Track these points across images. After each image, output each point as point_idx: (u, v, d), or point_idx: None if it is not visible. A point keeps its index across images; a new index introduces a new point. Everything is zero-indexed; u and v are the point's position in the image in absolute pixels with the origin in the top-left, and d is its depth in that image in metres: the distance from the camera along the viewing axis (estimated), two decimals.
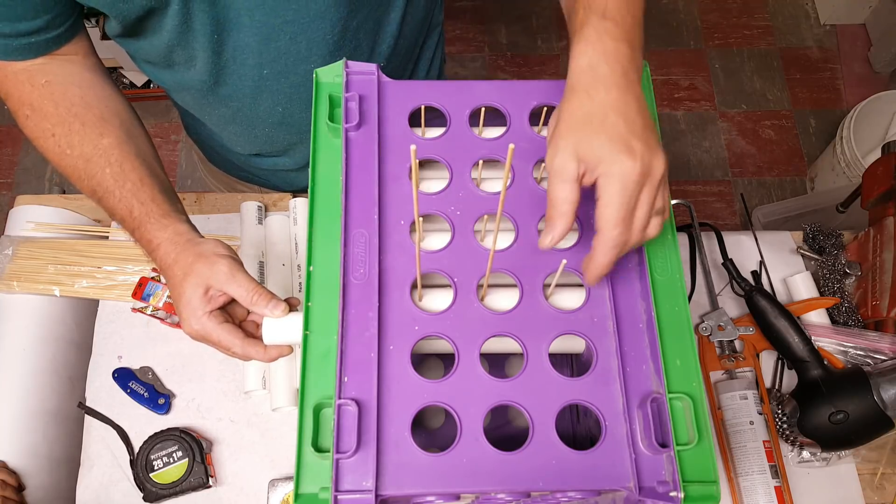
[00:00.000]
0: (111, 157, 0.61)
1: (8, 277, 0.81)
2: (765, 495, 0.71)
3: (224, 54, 0.65)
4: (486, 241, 0.52)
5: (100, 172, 0.61)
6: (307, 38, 0.65)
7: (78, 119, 0.62)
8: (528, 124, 0.56)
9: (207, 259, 0.58)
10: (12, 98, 0.62)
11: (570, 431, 0.61)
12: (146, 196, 0.61)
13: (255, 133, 0.78)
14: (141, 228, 0.61)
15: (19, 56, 0.60)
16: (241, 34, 0.63)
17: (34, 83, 0.61)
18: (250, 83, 0.69)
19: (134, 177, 0.61)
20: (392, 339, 0.48)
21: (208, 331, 0.58)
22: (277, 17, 0.62)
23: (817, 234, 0.87)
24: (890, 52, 1.99)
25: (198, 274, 0.57)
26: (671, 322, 0.49)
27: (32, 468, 0.75)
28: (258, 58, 0.66)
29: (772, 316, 0.78)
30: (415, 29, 0.77)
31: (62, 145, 0.61)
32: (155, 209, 0.61)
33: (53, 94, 0.61)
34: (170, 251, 0.59)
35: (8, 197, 1.91)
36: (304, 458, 0.44)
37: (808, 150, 1.98)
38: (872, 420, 0.70)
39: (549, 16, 2.18)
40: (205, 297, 0.57)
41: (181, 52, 0.65)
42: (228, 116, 0.75)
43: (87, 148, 0.61)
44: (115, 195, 0.61)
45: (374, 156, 0.53)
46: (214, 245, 0.60)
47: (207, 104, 0.74)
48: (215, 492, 0.75)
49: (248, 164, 0.88)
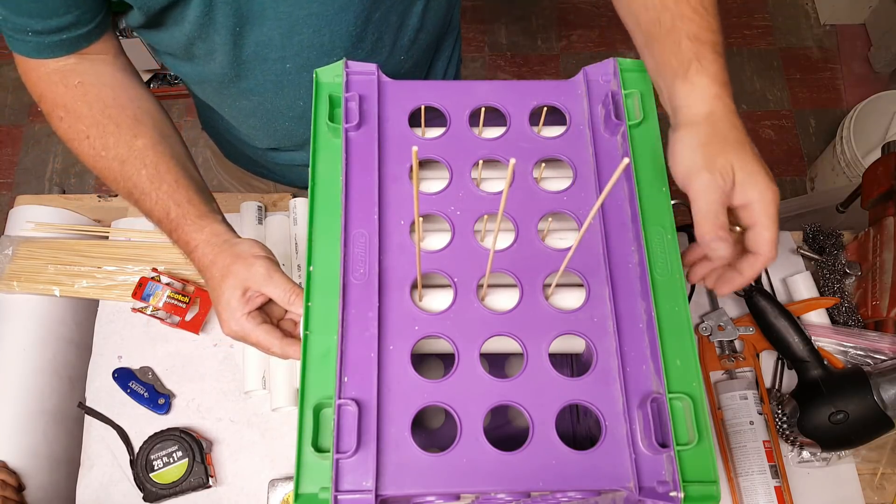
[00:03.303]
0: (146, 158, 0.61)
1: (8, 277, 0.81)
2: (765, 495, 0.71)
3: (246, 48, 0.65)
4: (486, 241, 0.52)
5: (135, 174, 0.61)
6: (331, 31, 0.65)
7: (112, 121, 0.62)
8: (528, 124, 0.56)
9: (245, 260, 0.58)
10: (46, 100, 0.62)
11: (570, 431, 0.61)
12: (182, 197, 0.61)
13: (275, 126, 0.78)
14: (178, 230, 0.61)
15: (51, 53, 0.60)
16: (263, 27, 0.63)
17: (67, 84, 0.61)
18: (272, 77, 0.69)
19: (169, 178, 0.61)
20: (392, 339, 0.48)
21: (247, 332, 0.58)
22: (302, 9, 0.62)
23: (817, 234, 0.87)
24: (890, 52, 1.99)
25: (235, 275, 0.58)
26: (671, 322, 0.49)
27: (32, 468, 0.75)
28: (281, 51, 0.66)
29: (772, 316, 0.77)
30: (436, 24, 0.76)
31: (97, 147, 0.61)
32: (191, 210, 0.61)
33: (87, 95, 0.62)
34: (207, 252, 0.60)
35: (8, 197, 1.91)
36: (304, 458, 0.44)
37: (808, 150, 1.98)
38: (872, 420, 0.70)
39: (549, 16, 2.18)
40: (243, 299, 0.58)
41: (201, 44, 0.65)
42: (249, 109, 0.75)
43: (122, 150, 0.61)
44: (152, 197, 0.61)
45: (374, 156, 0.53)
46: (251, 245, 0.60)
47: (228, 96, 0.74)
48: (215, 492, 0.75)
49: (265, 158, 0.88)
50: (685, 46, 0.50)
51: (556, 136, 0.56)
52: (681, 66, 0.50)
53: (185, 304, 0.79)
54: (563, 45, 2.14)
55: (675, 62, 0.51)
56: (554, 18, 2.18)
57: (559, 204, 0.53)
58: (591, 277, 0.50)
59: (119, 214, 0.90)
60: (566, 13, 2.18)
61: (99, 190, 1.93)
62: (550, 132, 0.56)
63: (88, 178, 1.95)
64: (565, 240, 0.53)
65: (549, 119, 0.56)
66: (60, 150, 1.99)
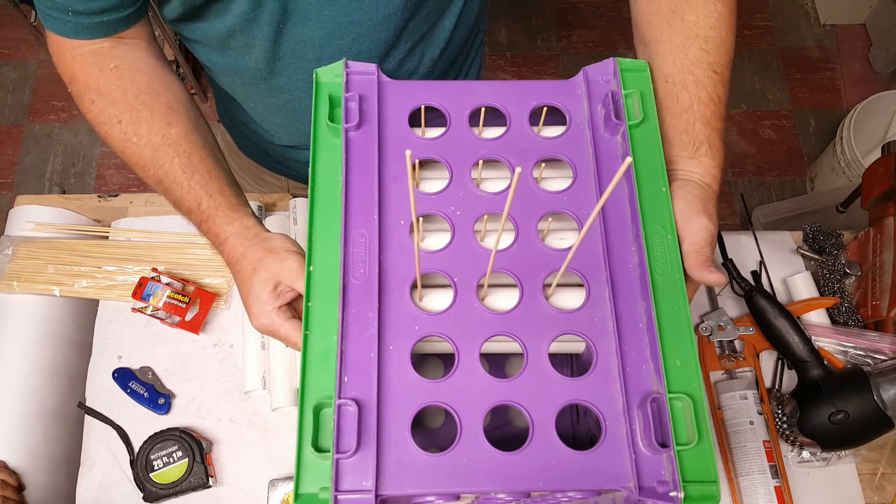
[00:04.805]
0: (179, 147, 0.61)
1: (8, 277, 0.81)
2: (765, 495, 0.71)
3: (284, 45, 0.65)
4: (486, 241, 0.52)
5: (167, 163, 0.60)
6: (370, 40, 0.65)
7: (146, 107, 0.61)
8: (528, 124, 0.56)
9: (277, 255, 0.58)
10: (78, 82, 0.62)
11: (570, 431, 0.61)
12: (214, 189, 0.61)
13: (299, 125, 0.78)
14: (209, 221, 0.61)
15: (90, 35, 0.60)
16: (305, 27, 0.63)
17: (102, 67, 0.61)
18: (305, 76, 0.69)
19: (202, 169, 0.61)
20: (392, 339, 0.48)
21: (276, 326, 0.58)
22: (346, 15, 0.62)
23: (817, 234, 0.87)
24: (890, 52, 1.99)
25: (267, 269, 0.58)
26: (671, 322, 0.49)
27: (32, 468, 0.75)
28: (318, 52, 0.66)
29: (772, 316, 0.78)
30: (464, 35, 0.77)
31: (128, 133, 0.61)
32: (223, 202, 0.61)
33: (121, 80, 0.61)
34: (237, 245, 0.60)
35: (8, 197, 1.91)
36: (304, 458, 0.44)
37: (808, 150, 1.98)
38: (872, 420, 0.70)
39: (549, 16, 2.18)
40: (274, 293, 0.58)
41: (241, 38, 0.64)
42: (276, 107, 0.75)
43: (156, 137, 0.60)
44: (184, 186, 0.60)
45: (374, 156, 0.53)
46: (282, 240, 0.60)
47: (257, 92, 0.74)
48: (215, 492, 0.75)
49: (283, 155, 0.88)
50: (698, 128, 0.57)
51: (556, 136, 0.56)
52: (691, 144, 0.57)
53: (185, 304, 0.79)
54: (563, 45, 2.14)
55: (687, 139, 0.57)
56: (554, 18, 2.18)
57: (559, 204, 0.53)
58: (591, 277, 0.50)
59: (119, 214, 0.90)
60: (566, 13, 2.18)
61: (99, 190, 1.93)
62: (550, 132, 0.56)
63: (88, 178, 1.95)
64: (565, 240, 0.53)
65: (549, 119, 0.56)
66: (60, 151, 1.99)
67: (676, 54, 0.59)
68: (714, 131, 0.57)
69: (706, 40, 0.59)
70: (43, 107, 2.05)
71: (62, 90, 0.92)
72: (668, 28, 0.60)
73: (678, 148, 0.57)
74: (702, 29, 0.59)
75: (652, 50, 0.61)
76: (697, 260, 0.51)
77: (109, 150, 2.14)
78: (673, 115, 0.58)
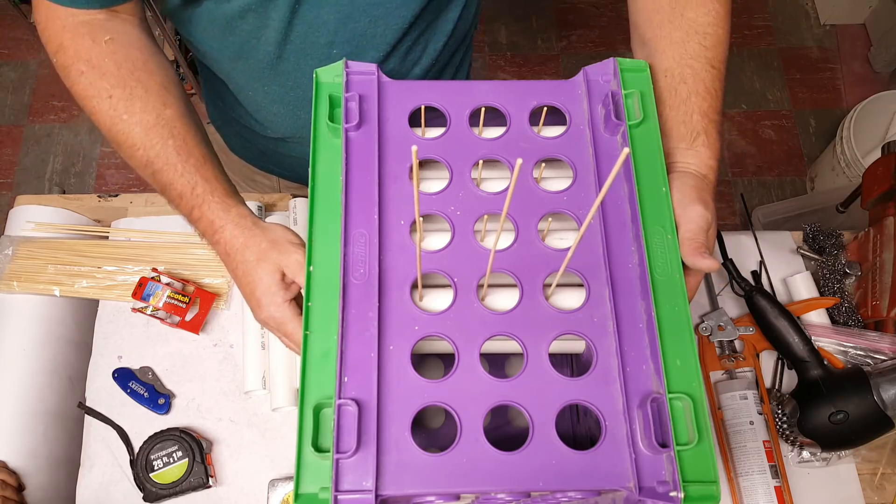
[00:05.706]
0: (174, 128, 0.59)
1: (8, 277, 0.81)
2: (765, 495, 0.71)
3: (297, 27, 0.64)
4: (486, 241, 0.52)
5: (160, 143, 0.59)
6: (385, 24, 0.64)
7: (141, 84, 0.59)
8: (528, 124, 0.56)
9: (282, 246, 0.58)
10: (67, 52, 0.59)
11: (570, 431, 0.61)
12: (210, 174, 0.60)
13: (299, 115, 0.76)
14: (202, 206, 0.59)
15: (85, 4, 0.58)
16: (321, 10, 0.62)
17: (96, 39, 0.59)
18: (314, 62, 0.67)
19: (198, 153, 0.60)
20: (392, 339, 0.48)
21: (287, 319, 0.57)
22: None
23: (817, 234, 0.87)
24: (890, 52, 1.99)
25: (273, 260, 0.57)
26: (671, 322, 0.49)
27: (32, 468, 0.75)
28: (332, 36, 0.65)
29: (772, 316, 0.78)
30: (463, 31, 0.77)
31: (118, 109, 0.59)
32: (219, 187, 0.60)
33: (116, 54, 0.59)
34: (237, 234, 0.59)
35: (8, 197, 1.91)
36: (304, 458, 0.44)
37: (808, 150, 1.98)
38: (872, 420, 0.70)
39: (549, 16, 2.18)
40: (282, 283, 0.57)
41: (254, 19, 0.63)
42: (278, 94, 0.73)
43: (149, 116, 0.59)
44: (178, 169, 0.59)
45: (374, 156, 0.53)
46: (285, 231, 0.59)
47: (259, 79, 0.72)
48: (215, 492, 0.75)
49: (275, 150, 0.86)
50: (696, 120, 0.58)
51: (556, 136, 0.56)
52: (689, 135, 0.58)
53: (185, 304, 0.79)
54: (563, 45, 2.14)
55: (684, 129, 0.58)
56: (554, 18, 2.18)
57: (559, 204, 0.53)
58: (591, 277, 0.50)
59: (119, 214, 0.90)
60: (566, 13, 2.18)
61: (99, 190, 1.93)
62: (550, 132, 0.56)
63: (88, 178, 1.95)
64: (565, 240, 0.53)
65: (549, 119, 0.56)
66: (60, 151, 1.99)
67: (676, 49, 0.59)
68: (711, 122, 0.58)
69: (705, 36, 0.60)
70: (43, 107, 2.05)
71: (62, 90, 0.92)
72: (669, 24, 0.60)
73: (676, 139, 0.58)
74: (701, 25, 0.60)
75: (651, 47, 0.61)
76: (691, 246, 0.52)
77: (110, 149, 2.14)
78: (671, 108, 0.58)
